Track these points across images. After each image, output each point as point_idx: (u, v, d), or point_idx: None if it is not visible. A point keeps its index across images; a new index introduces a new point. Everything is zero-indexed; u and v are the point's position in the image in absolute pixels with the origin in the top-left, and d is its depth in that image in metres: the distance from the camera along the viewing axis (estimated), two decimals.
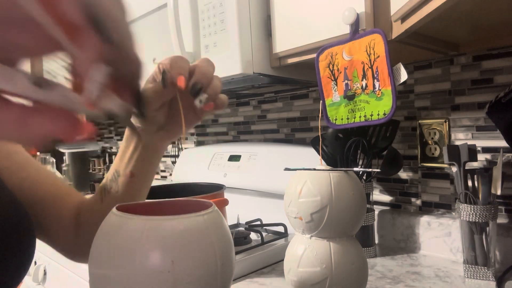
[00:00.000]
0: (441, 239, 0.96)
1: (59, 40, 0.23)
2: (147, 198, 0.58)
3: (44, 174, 0.61)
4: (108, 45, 0.24)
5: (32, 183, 0.58)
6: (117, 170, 0.55)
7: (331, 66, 0.82)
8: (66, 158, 2.15)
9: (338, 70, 0.81)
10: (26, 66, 0.25)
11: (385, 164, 0.97)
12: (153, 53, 1.12)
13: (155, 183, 1.24)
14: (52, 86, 0.24)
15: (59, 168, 2.20)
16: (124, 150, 0.55)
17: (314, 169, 0.62)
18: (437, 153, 0.99)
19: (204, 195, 0.92)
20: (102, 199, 0.57)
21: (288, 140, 1.37)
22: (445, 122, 0.97)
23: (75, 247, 0.62)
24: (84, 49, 0.24)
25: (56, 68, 0.27)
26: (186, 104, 0.46)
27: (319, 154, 0.70)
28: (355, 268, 0.60)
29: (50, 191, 0.60)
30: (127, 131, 0.55)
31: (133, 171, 0.54)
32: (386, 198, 1.11)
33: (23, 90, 0.23)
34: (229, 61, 0.92)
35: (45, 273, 1.34)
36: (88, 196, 0.63)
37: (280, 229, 1.08)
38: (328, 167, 0.64)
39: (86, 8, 0.22)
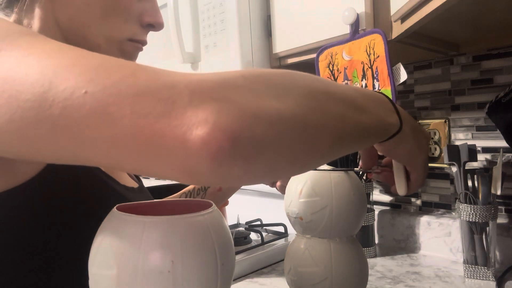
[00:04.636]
0: (441, 239, 0.96)
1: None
2: None
3: None
4: None
5: None
6: None
7: (331, 66, 0.82)
8: None
9: (338, 70, 0.81)
10: None
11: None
12: (153, 53, 1.12)
13: (155, 183, 1.24)
14: None
15: None
16: None
17: (314, 169, 0.62)
18: (437, 153, 0.99)
19: None
20: None
21: None
22: (445, 122, 0.97)
23: None
24: None
25: None
26: None
27: None
28: (355, 268, 0.60)
29: None
30: None
31: (222, 186, 0.70)
32: (386, 198, 1.11)
33: None
34: (229, 61, 0.92)
35: None
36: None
37: (280, 229, 1.08)
38: (328, 167, 0.64)
39: None
